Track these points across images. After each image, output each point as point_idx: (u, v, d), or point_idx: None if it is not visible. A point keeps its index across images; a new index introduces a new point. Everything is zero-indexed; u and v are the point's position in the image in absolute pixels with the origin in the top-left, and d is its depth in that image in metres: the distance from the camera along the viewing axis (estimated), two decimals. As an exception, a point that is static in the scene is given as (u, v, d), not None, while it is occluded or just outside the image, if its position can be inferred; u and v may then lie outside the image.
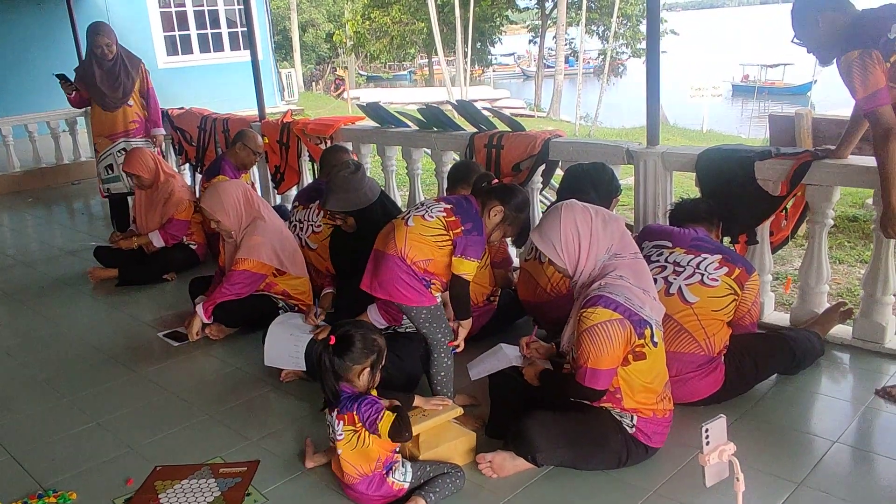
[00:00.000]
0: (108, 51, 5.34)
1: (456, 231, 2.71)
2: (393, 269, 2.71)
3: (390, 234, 2.78)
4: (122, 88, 5.46)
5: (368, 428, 2.32)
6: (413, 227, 2.74)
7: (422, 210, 2.81)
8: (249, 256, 3.67)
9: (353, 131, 5.21)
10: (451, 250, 2.72)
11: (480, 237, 2.75)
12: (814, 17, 2.79)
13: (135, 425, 3.02)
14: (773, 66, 31.40)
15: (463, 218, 2.74)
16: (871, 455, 2.56)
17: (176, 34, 14.72)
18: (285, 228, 3.93)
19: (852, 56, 2.65)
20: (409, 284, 2.70)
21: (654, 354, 2.42)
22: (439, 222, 2.73)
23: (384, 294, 2.75)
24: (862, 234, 5.88)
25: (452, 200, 2.84)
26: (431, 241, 2.71)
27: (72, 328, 4.16)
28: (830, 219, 3.32)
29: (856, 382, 3.11)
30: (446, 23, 27.45)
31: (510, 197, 2.82)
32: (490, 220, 2.80)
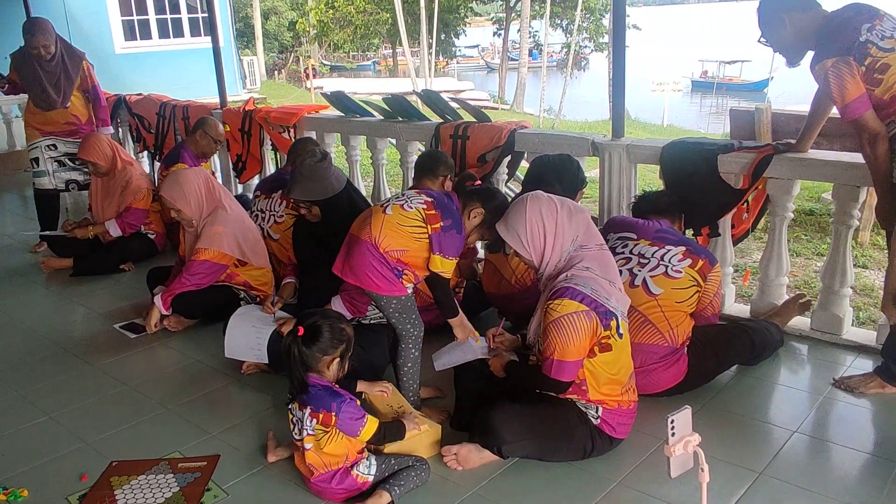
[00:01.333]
0: (45, 52, 4.88)
1: (434, 226, 2.66)
2: (365, 256, 2.67)
3: (366, 220, 2.74)
4: (63, 92, 5.06)
5: (348, 432, 2.30)
6: (391, 216, 2.70)
7: (402, 200, 2.76)
8: (210, 246, 3.59)
9: (316, 120, 5.14)
10: (427, 244, 2.67)
11: (459, 235, 2.70)
12: (780, 17, 2.79)
13: (89, 419, 2.94)
14: (731, 63, 31.93)
15: (443, 213, 2.70)
16: (829, 444, 2.61)
17: (134, 19, 14.40)
18: (247, 218, 3.85)
19: (827, 65, 2.63)
20: (380, 272, 2.66)
21: (620, 346, 2.43)
22: (418, 214, 2.69)
23: (354, 280, 2.71)
24: (818, 227, 6.02)
25: (434, 195, 2.79)
26: (407, 232, 2.67)
27: (24, 319, 4.03)
28: (790, 212, 3.37)
29: (814, 373, 3.17)
30: (411, 13, 27.32)
31: (491, 200, 2.79)
32: (469, 222, 2.77)
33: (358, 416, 2.31)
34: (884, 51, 2.59)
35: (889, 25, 2.63)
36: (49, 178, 5.20)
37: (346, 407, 2.30)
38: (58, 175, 5.23)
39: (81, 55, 5.17)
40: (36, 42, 4.84)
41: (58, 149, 5.18)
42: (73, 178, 5.30)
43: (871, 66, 2.59)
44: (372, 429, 2.33)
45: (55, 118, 5.11)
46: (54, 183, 5.22)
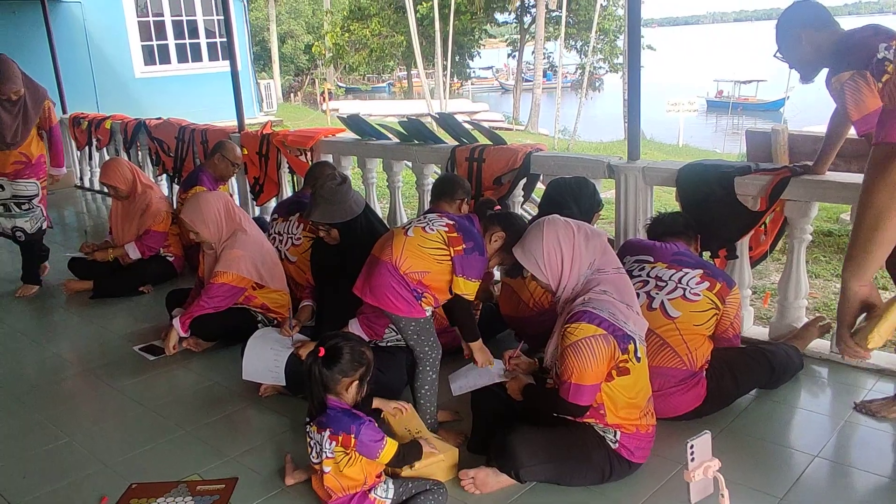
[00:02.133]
0: (15, 97, 4.54)
1: (457, 248, 2.68)
2: (385, 276, 2.69)
3: (388, 242, 2.76)
4: (19, 134, 4.66)
5: (367, 454, 2.30)
6: (412, 238, 2.72)
7: (423, 222, 2.79)
8: (229, 269, 3.63)
9: (333, 143, 5.19)
10: (448, 267, 2.69)
11: (482, 257, 2.72)
12: (797, 34, 2.80)
13: (109, 441, 2.96)
14: (747, 83, 31.90)
15: (465, 236, 2.71)
16: (851, 469, 2.57)
17: (154, 44, 14.63)
18: (266, 241, 3.89)
19: (844, 77, 2.63)
20: (399, 294, 2.67)
21: (638, 370, 2.42)
22: (440, 236, 2.70)
23: (374, 300, 2.73)
24: (837, 248, 5.96)
25: (456, 218, 2.82)
26: (429, 254, 2.68)
27: (44, 341, 4.08)
28: (808, 234, 3.36)
29: (834, 397, 3.13)
30: (425, 36, 27.55)
31: (512, 225, 2.81)
32: (490, 246, 2.79)
33: (377, 439, 2.32)
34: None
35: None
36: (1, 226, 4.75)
37: (365, 429, 2.30)
38: (2, 220, 4.74)
39: (44, 94, 4.81)
40: (6, 90, 4.47)
41: (4, 190, 4.69)
42: (18, 226, 4.75)
43: (889, 83, 2.58)
44: (391, 451, 2.33)
45: (2, 158, 4.67)
46: (6, 229, 4.76)
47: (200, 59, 15.44)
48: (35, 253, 4.94)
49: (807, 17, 2.80)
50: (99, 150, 7.87)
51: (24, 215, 4.75)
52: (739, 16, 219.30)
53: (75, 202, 8.00)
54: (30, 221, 4.79)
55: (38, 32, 8.69)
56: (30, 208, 4.73)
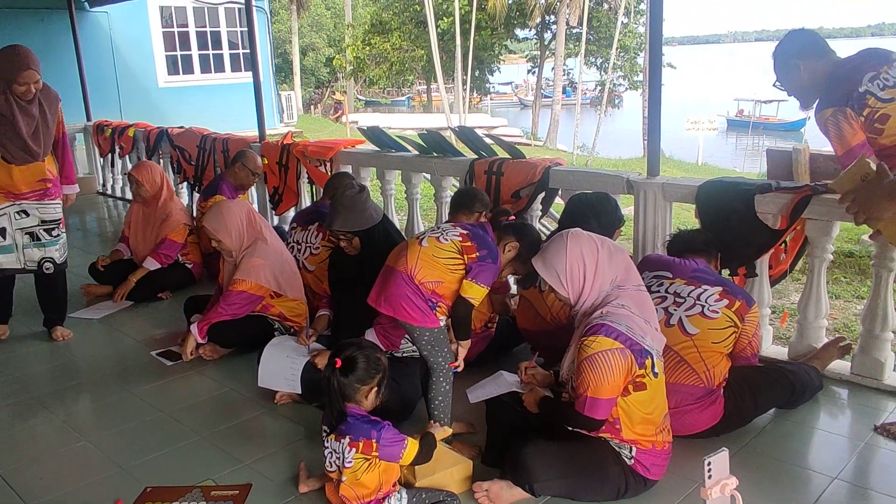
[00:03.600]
0: (34, 88, 3.71)
1: (471, 256, 2.72)
2: (400, 286, 2.71)
3: (402, 252, 2.79)
4: (43, 142, 3.88)
5: (390, 458, 2.31)
6: (426, 248, 2.75)
7: (437, 232, 2.82)
8: (248, 278, 3.65)
9: (353, 154, 5.22)
10: (462, 275, 2.72)
11: (495, 265, 2.75)
12: (795, 64, 2.88)
13: (125, 445, 2.98)
14: (768, 102, 31.75)
15: (479, 244, 2.75)
16: (870, 492, 2.53)
17: (178, 54, 14.83)
18: (286, 251, 3.91)
19: (826, 114, 2.76)
20: (414, 303, 2.69)
21: (655, 385, 2.40)
22: (454, 246, 2.74)
23: (389, 310, 2.74)
24: (858, 269, 5.91)
25: (469, 227, 2.85)
26: (443, 264, 2.71)
27: (63, 345, 4.11)
28: (830, 253, 3.33)
29: (854, 418, 3.09)
30: (446, 51, 27.71)
31: (526, 235, 2.86)
32: (504, 255, 2.83)
33: (398, 440, 2.33)
34: (882, 101, 2.67)
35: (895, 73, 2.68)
36: (17, 255, 3.95)
37: (385, 433, 2.32)
38: (28, 251, 3.96)
39: (57, 96, 3.99)
40: (26, 77, 3.63)
41: (29, 216, 3.91)
42: (48, 257, 4.01)
43: (870, 116, 2.65)
44: (413, 450, 2.35)
45: (26, 175, 3.87)
46: (23, 261, 3.98)
47: (223, 70, 15.62)
48: (61, 286, 4.23)
49: (803, 46, 2.90)
50: (122, 158, 7.97)
51: (54, 243, 4.03)
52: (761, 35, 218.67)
53: (97, 208, 8.10)
54: (60, 249, 4.07)
55: (65, 40, 8.83)
56: (59, 234, 4.05)
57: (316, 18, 39.51)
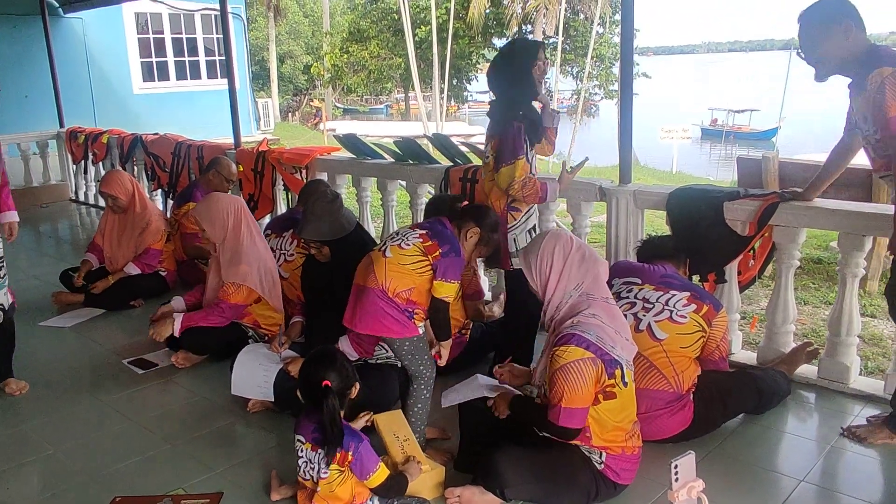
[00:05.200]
0: None
1: (434, 255, 2.74)
2: (375, 303, 2.72)
3: (369, 268, 2.79)
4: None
5: (358, 474, 2.31)
6: (391, 258, 2.76)
7: (398, 239, 2.82)
8: (244, 283, 3.64)
9: (328, 161, 5.22)
10: (431, 276, 2.74)
11: (459, 258, 2.78)
12: (838, 21, 2.66)
13: (95, 454, 2.95)
14: (741, 112, 32.22)
15: (440, 241, 2.78)
16: (837, 495, 2.58)
17: (153, 60, 14.70)
18: (270, 257, 3.88)
19: (885, 73, 2.54)
20: (391, 317, 2.71)
21: (625, 394, 2.43)
22: (416, 249, 2.76)
23: (367, 329, 2.76)
24: (826, 275, 6.00)
25: (426, 226, 2.88)
26: (411, 269, 2.73)
27: (33, 353, 4.05)
28: (797, 259, 3.39)
29: (821, 422, 3.15)
30: (424, 59, 27.78)
31: (484, 217, 2.92)
32: (468, 242, 2.88)
33: (373, 460, 2.34)
34: None
35: None
36: None
37: (363, 448, 2.33)
38: None
39: None
40: None
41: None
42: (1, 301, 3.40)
43: None
44: (381, 477, 2.34)
45: None
46: None
47: (199, 77, 15.50)
48: (9, 334, 3.51)
49: (851, 10, 2.68)
50: (95, 165, 7.89)
51: (2, 284, 3.38)
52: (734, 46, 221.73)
53: (70, 216, 8.01)
54: (5, 291, 3.41)
55: (38, 47, 8.72)
56: (4, 274, 3.40)
57: (294, 26, 39.41)
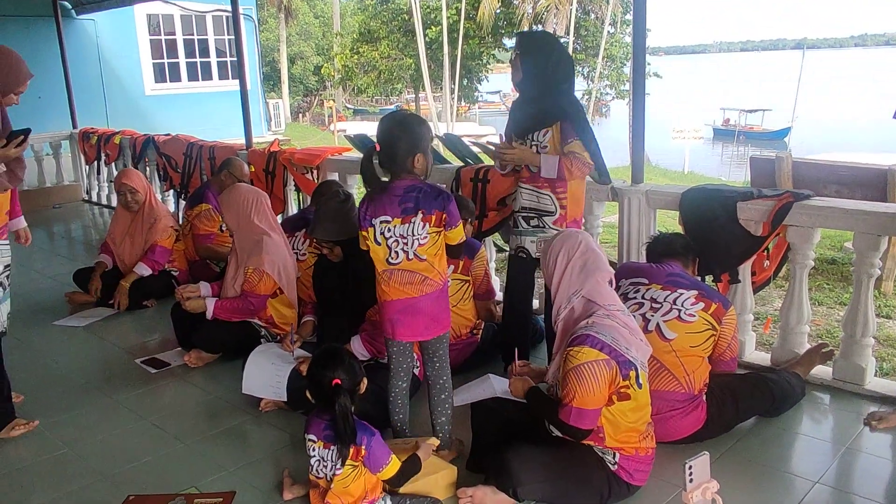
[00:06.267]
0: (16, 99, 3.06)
1: (442, 218, 2.57)
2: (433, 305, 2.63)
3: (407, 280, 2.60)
4: None
5: (371, 467, 2.31)
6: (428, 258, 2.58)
7: (410, 240, 2.58)
8: (269, 270, 3.65)
9: (340, 162, 5.23)
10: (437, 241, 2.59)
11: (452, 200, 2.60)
12: None
13: (108, 453, 2.96)
14: (753, 112, 32.06)
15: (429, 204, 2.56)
16: (852, 496, 2.56)
17: (165, 62, 14.79)
18: (289, 254, 3.87)
19: None
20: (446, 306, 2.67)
21: (639, 396, 2.42)
22: (433, 231, 2.58)
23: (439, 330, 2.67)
24: (840, 276, 5.96)
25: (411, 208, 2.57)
26: (438, 251, 2.60)
27: (47, 353, 4.09)
28: (811, 260, 3.36)
29: (836, 423, 3.12)
30: (434, 59, 27.79)
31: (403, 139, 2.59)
32: (420, 169, 2.61)
33: (385, 453, 2.34)
34: None
35: None
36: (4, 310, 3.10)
37: (375, 442, 2.32)
38: (3, 307, 3.14)
39: None
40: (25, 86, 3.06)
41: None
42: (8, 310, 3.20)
43: None
44: (393, 469, 2.35)
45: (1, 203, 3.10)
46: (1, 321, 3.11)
47: (211, 78, 15.58)
48: None
49: None
50: (108, 165, 7.94)
51: (6, 297, 3.15)
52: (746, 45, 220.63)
53: (82, 216, 8.06)
54: (6, 306, 3.14)
55: (51, 48, 8.78)
56: (8, 285, 3.13)
57: (304, 27, 39.52)
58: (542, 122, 3.12)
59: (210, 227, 5.07)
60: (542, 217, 3.21)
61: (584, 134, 3.08)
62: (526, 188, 3.24)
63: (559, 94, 3.14)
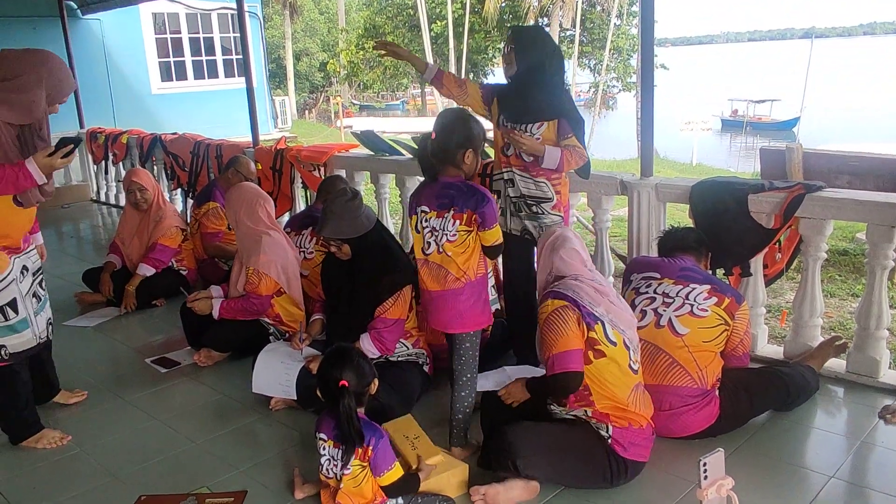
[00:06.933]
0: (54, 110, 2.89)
1: (472, 219, 2.65)
2: (467, 299, 2.69)
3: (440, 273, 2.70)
4: None
5: (374, 469, 2.30)
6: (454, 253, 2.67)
7: (440, 235, 2.68)
8: (268, 272, 3.68)
9: (346, 159, 5.21)
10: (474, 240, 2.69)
11: (490, 199, 2.67)
12: None
13: (119, 453, 2.97)
14: (761, 102, 31.86)
15: (463, 203, 2.64)
16: (867, 491, 2.53)
17: (171, 60, 14.80)
18: (291, 250, 3.89)
19: None
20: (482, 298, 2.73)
21: (615, 353, 2.48)
22: (462, 230, 2.65)
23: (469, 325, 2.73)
24: (853, 267, 5.92)
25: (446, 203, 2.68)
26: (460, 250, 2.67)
27: (57, 353, 4.07)
28: (823, 252, 3.33)
29: (850, 417, 3.09)
30: (440, 54, 27.76)
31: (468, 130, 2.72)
32: (468, 167, 2.72)
33: (390, 458, 2.33)
34: None
35: None
36: (32, 330, 2.95)
37: (382, 444, 2.32)
38: (40, 317, 3.03)
39: None
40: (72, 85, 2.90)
41: (28, 270, 2.97)
42: (49, 316, 3.15)
43: None
44: (395, 476, 2.33)
45: (28, 220, 2.99)
46: (37, 333, 2.99)
47: (217, 76, 15.58)
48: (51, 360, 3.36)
49: None
50: (115, 165, 7.96)
51: (42, 307, 3.08)
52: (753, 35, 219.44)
53: (91, 216, 8.08)
54: (44, 314, 3.10)
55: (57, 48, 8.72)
56: (41, 296, 3.09)
57: (309, 23, 39.56)
58: (539, 115, 3.19)
59: (218, 225, 5.06)
60: (540, 203, 3.27)
61: (579, 131, 3.21)
62: (521, 176, 3.29)
63: (554, 87, 3.24)
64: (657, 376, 2.74)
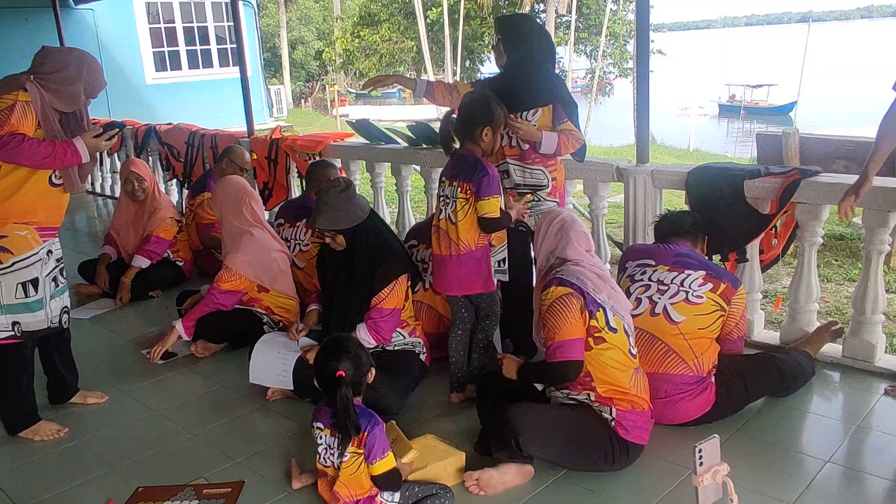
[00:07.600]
0: None
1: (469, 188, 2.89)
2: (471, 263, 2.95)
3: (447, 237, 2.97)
4: None
5: (367, 456, 2.29)
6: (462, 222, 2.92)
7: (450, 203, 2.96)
8: (238, 270, 3.68)
9: (342, 147, 5.20)
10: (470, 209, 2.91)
11: (490, 174, 2.88)
12: None
13: (117, 444, 2.97)
14: (758, 87, 31.80)
15: (470, 174, 2.88)
16: (863, 475, 2.54)
17: (165, 50, 14.75)
18: (274, 248, 3.87)
19: None
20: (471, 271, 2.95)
21: (615, 339, 2.49)
22: (463, 201, 2.90)
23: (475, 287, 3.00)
24: (849, 252, 5.92)
25: (455, 174, 2.95)
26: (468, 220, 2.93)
27: (54, 345, 4.09)
28: (819, 237, 3.32)
29: (846, 401, 3.10)
30: (435, 41, 27.65)
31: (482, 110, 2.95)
32: (486, 143, 2.96)
33: (384, 447, 2.31)
34: None
35: None
36: (45, 312, 2.98)
37: (378, 430, 2.31)
38: (55, 301, 3.05)
39: None
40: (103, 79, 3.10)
41: (52, 255, 3.05)
42: (65, 305, 3.14)
43: None
44: (385, 467, 2.30)
45: (61, 202, 3.11)
46: (50, 317, 3.00)
47: (211, 66, 15.54)
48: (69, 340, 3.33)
49: None
50: (110, 156, 7.93)
51: (60, 292, 3.12)
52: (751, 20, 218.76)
53: (87, 207, 8.05)
54: (59, 300, 3.12)
55: (50, 39, 8.70)
56: (59, 282, 3.13)
57: (304, 12, 39.33)
58: (533, 102, 3.22)
59: (213, 215, 5.04)
60: (535, 192, 3.30)
61: (573, 115, 3.27)
62: (516, 165, 3.30)
63: (545, 73, 3.29)
64: (653, 364, 2.75)
